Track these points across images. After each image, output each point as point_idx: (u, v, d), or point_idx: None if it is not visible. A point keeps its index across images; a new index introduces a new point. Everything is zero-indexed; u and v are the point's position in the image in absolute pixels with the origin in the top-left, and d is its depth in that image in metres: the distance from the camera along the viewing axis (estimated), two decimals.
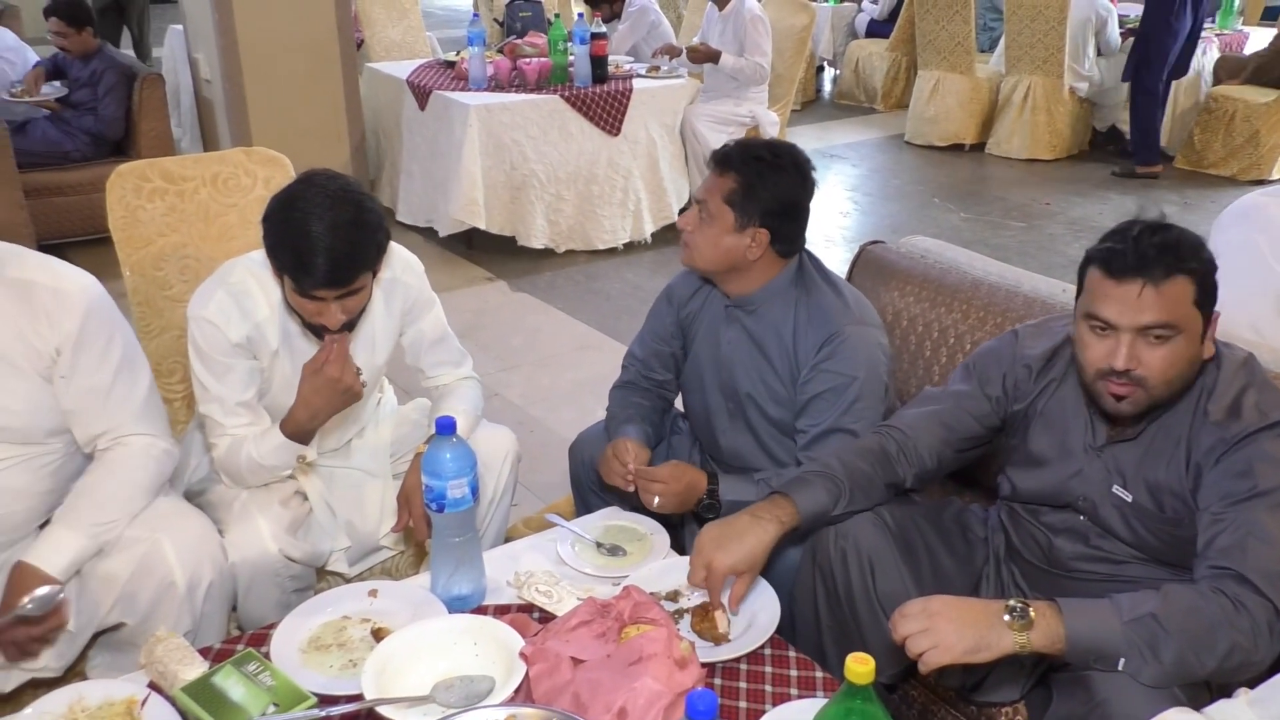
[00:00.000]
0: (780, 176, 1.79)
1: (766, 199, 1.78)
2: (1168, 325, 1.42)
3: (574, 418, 3.37)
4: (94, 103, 4.79)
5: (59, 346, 1.61)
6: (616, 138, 4.80)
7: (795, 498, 1.57)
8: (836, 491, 1.60)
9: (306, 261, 1.59)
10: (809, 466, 1.66)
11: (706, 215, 1.81)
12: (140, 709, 1.36)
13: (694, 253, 1.85)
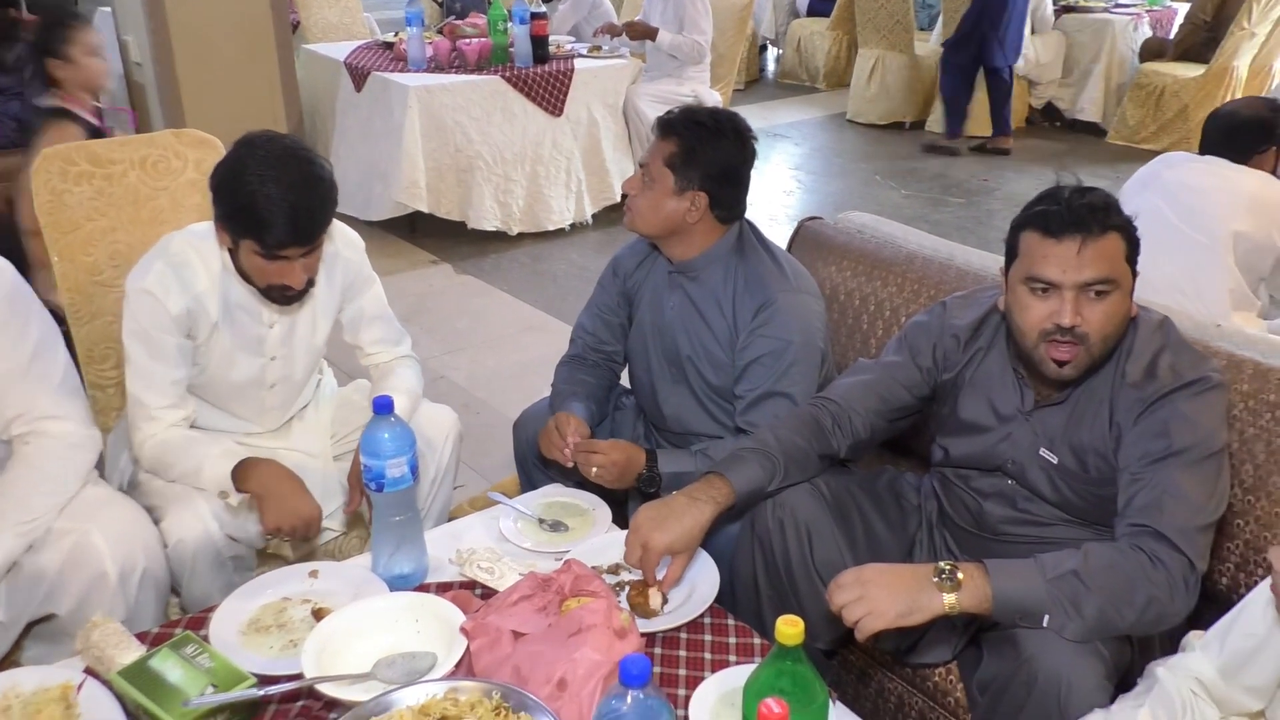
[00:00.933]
0: (720, 141, 1.82)
1: (706, 163, 1.81)
2: (1107, 280, 1.47)
3: (520, 399, 3.33)
4: (18, 88, 4.64)
5: None
6: (559, 118, 4.78)
7: (730, 477, 1.60)
8: (771, 468, 1.63)
9: (272, 222, 1.59)
10: (744, 442, 1.69)
11: (649, 178, 1.84)
12: (76, 694, 1.35)
13: (635, 216, 1.87)
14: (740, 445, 1.68)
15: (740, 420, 1.85)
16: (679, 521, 1.54)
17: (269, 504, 1.62)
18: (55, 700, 1.33)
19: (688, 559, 1.58)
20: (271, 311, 1.83)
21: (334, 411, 2.08)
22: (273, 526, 1.59)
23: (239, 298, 1.80)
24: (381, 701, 1.25)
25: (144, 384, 1.75)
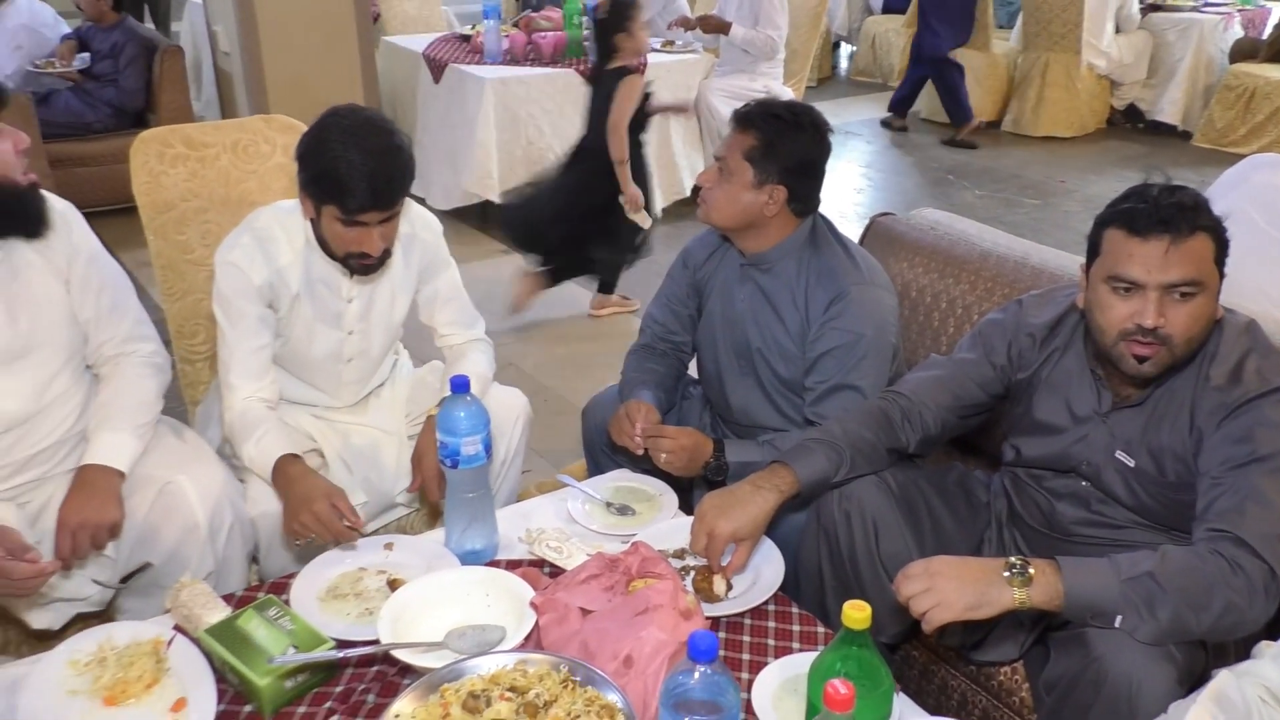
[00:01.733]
0: (799, 135, 1.84)
1: (784, 156, 1.82)
2: (1193, 282, 1.44)
3: (586, 387, 3.39)
4: (115, 74, 4.84)
5: (70, 259, 1.72)
6: None
7: (795, 466, 1.61)
8: (837, 459, 1.63)
9: (353, 187, 1.65)
10: (811, 433, 1.70)
11: (725, 171, 1.85)
12: (166, 649, 1.42)
13: (711, 208, 1.88)
14: (807, 436, 1.69)
15: (809, 412, 1.85)
16: (744, 509, 1.56)
17: (286, 506, 1.67)
18: (147, 654, 1.40)
19: (752, 546, 1.59)
20: (351, 286, 1.89)
21: (409, 391, 2.13)
22: (287, 530, 1.64)
23: (320, 272, 1.86)
24: (453, 669, 1.29)
25: (228, 351, 1.83)
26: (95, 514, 1.61)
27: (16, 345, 1.65)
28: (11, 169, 1.58)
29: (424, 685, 1.27)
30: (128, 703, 1.34)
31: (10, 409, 1.65)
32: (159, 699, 1.35)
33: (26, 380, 1.67)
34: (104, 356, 1.80)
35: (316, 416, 2.00)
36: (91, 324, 1.77)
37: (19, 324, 1.65)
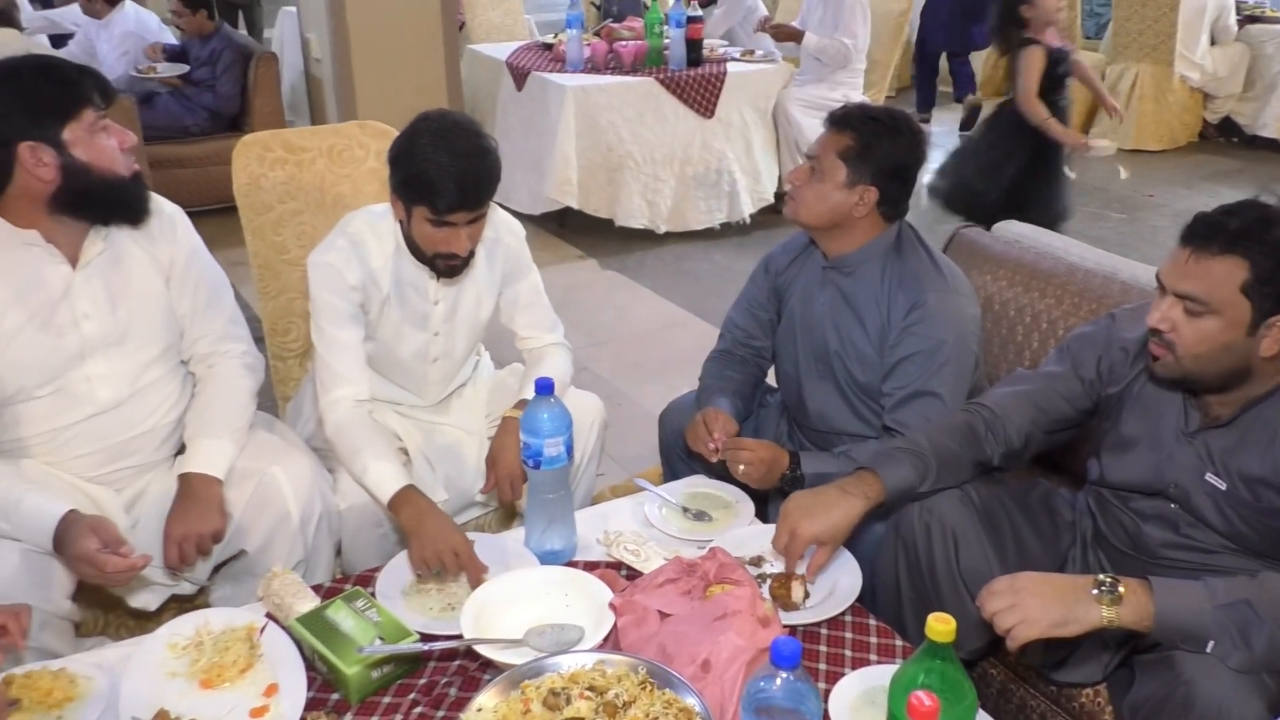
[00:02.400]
0: (896, 138, 1.85)
1: (879, 158, 1.83)
2: (1198, 300, 1.43)
3: (661, 393, 3.41)
4: (212, 80, 5.02)
5: (172, 257, 1.80)
6: (710, 120, 4.83)
7: (882, 474, 1.60)
8: (923, 469, 1.62)
9: (442, 187, 1.71)
10: (897, 442, 1.69)
11: (818, 170, 1.86)
12: (259, 635, 1.47)
13: (800, 206, 1.89)
14: (893, 444, 1.68)
15: (888, 418, 1.85)
16: (829, 512, 1.56)
17: (413, 542, 1.65)
18: (241, 640, 1.45)
19: (832, 551, 1.59)
20: (437, 289, 1.94)
21: (489, 392, 2.18)
22: (418, 562, 1.63)
23: (409, 275, 1.91)
24: (534, 666, 1.32)
25: (326, 347, 1.88)
26: (199, 524, 1.68)
27: (115, 333, 1.73)
28: (116, 163, 1.66)
29: (505, 681, 1.29)
30: (223, 686, 1.40)
31: (105, 394, 1.73)
32: (252, 684, 1.40)
33: (122, 367, 1.75)
34: (198, 354, 1.86)
35: (402, 414, 2.05)
36: (188, 319, 1.84)
37: (118, 312, 1.73)
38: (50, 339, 1.67)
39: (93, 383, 1.72)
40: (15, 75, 1.59)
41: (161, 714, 1.32)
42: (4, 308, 1.63)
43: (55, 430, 1.71)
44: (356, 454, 1.79)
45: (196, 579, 1.80)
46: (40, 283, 1.66)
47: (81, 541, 1.52)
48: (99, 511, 1.67)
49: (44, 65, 1.64)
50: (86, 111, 1.61)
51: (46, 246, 1.66)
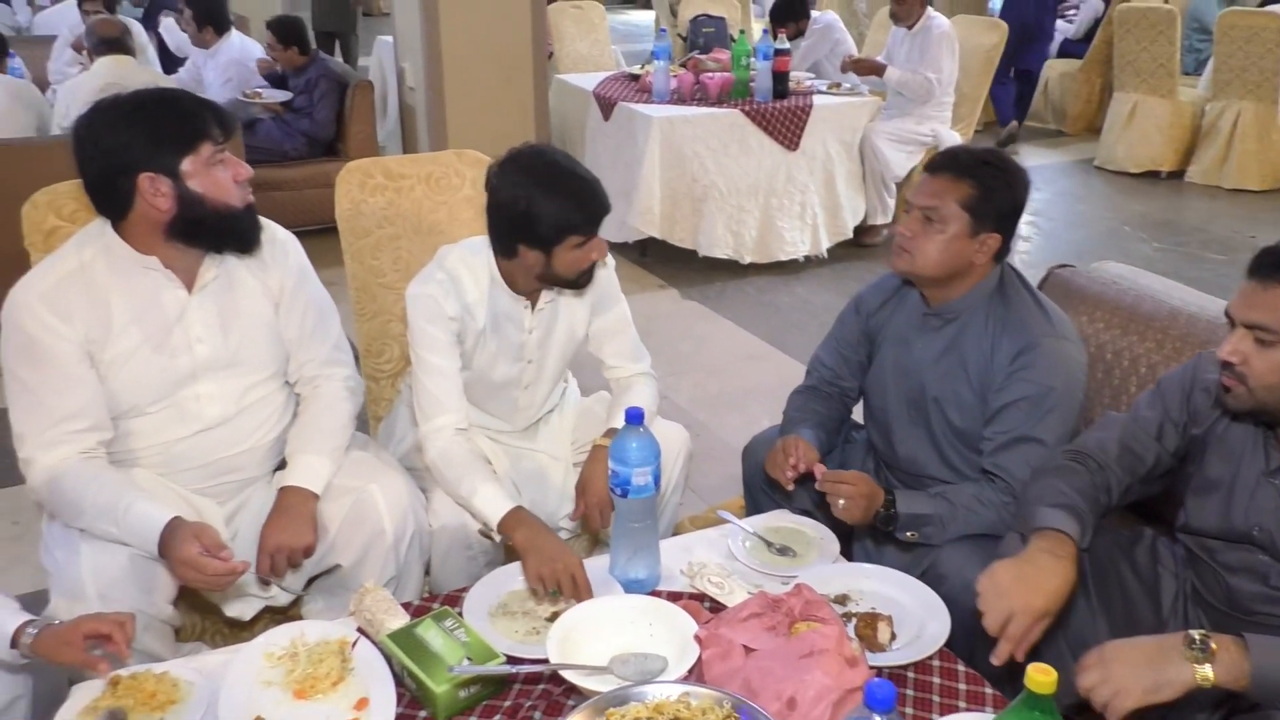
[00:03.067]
0: (1014, 181, 1.82)
1: (1000, 203, 1.80)
2: (1268, 329, 1.41)
3: (740, 424, 3.42)
4: (310, 107, 5.20)
5: (282, 283, 1.86)
6: (795, 152, 4.83)
7: (1070, 533, 1.51)
8: (1083, 524, 1.55)
9: (583, 206, 1.83)
10: (1043, 494, 1.59)
11: (937, 220, 1.80)
12: (351, 649, 1.51)
13: (916, 258, 1.83)
14: (1041, 495, 1.59)
15: (987, 461, 1.81)
16: (1049, 581, 1.46)
17: (531, 558, 1.67)
18: (334, 653, 1.49)
19: (1049, 623, 1.48)
20: (531, 318, 1.98)
21: (575, 419, 2.20)
22: (535, 579, 1.66)
23: (505, 307, 1.95)
24: (619, 695, 1.32)
25: (427, 374, 1.92)
26: (292, 538, 1.74)
27: (225, 356, 1.80)
28: (230, 195, 1.72)
29: (590, 708, 1.30)
30: (315, 697, 1.43)
31: (212, 412, 1.80)
32: (344, 696, 1.44)
33: (229, 387, 1.81)
34: (304, 377, 1.92)
35: (491, 439, 2.09)
36: (295, 344, 1.90)
37: (229, 337, 1.80)
38: (164, 359, 1.74)
39: (201, 401, 1.78)
40: (141, 107, 1.67)
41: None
42: (122, 328, 1.71)
43: (165, 444, 1.78)
44: (462, 479, 1.83)
45: (290, 590, 1.85)
46: (158, 306, 1.73)
47: (185, 545, 1.58)
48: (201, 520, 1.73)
49: (168, 99, 1.71)
50: (205, 145, 1.67)
51: (165, 272, 1.73)
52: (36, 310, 1.65)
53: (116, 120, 1.65)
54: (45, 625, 1.47)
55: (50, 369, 1.66)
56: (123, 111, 1.66)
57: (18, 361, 1.68)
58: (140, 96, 1.69)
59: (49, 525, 1.73)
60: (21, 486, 2.97)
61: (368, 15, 8.35)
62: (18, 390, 1.69)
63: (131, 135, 1.64)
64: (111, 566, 1.61)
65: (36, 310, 1.65)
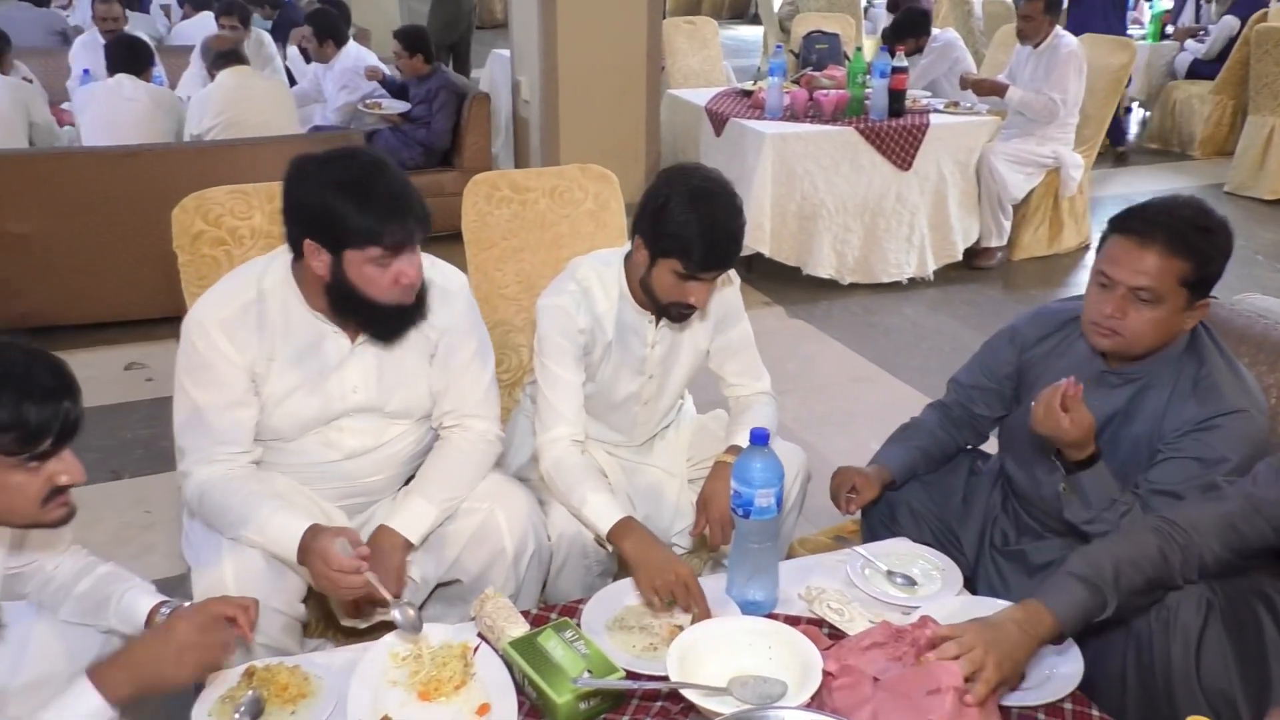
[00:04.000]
0: (1228, 242, 1.69)
1: (1218, 270, 1.68)
2: None
3: (848, 447, 3.36)
4: (429, 117, 5.34)
5: (441, 336, 1.84)
6: (907, 172, 4.75)
7: (1057, 612, 1.46)
8: (1101, 603, 1.48)
9: (699, 246, 1.76)
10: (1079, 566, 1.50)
11: (1151, 299, 1.66)
12: (473, 655, 1.53)
13: (1128, 340, 1.70)
14: (1077, 567, 1.51)
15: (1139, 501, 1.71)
16: (1016, 654, 1.42)
17: (642, 570, 1.67)
18: (456, 657, 1.52)
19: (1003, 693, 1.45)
20: (656, 333, 1.98)
21: (691, 436, 2.20)
22: (648, 589, 1.65)
23: (630, 320, 1.96)
24: (742, 718, 1.31)
25: (550, 385, 1.94)
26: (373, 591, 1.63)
27: (376, 403, 1.82)
28: (380, 293, 1.66)
29: None
30: (439, 699, 1.46)
31: (352, 444, 1.84)
32: (466, 701, 1.46)
33: (374, 425, 1.84)
34: (444, 425, 1.91)
35: (608, 453, 2.10)
36: (441, 394, 1.87)
37: (383, 386, 1.81)
38: (319, 402, 1.77)
39: (344, 434, 1.82)
40: (344, 183, 1.59)
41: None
42: (284, 367, 1.74)
43: (304, 465, 1.83)
44: (573, 488, 1.84)
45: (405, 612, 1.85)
46: (320, 352, 1.75)
47: (324, 540, 1.60)
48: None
49: (373, 186, 1.60)
50: (373, 249, 1.61)
51: (330, 324, 1.75)
52: (213, 336, 1.69)
53: (321, 178, 1.61)
54: (177, 606, 1.54)
55: (218, 393, 1.71)
56: (331, 173, 1.61)
57: (190, 378, 1.72)
58: (356, 170, 1.61)
59: (190, 522, 1.80)
60: (151, 477, 3.17)
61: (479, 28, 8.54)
62: (186, 406, 1.74)
63: (317, 199, 1.61)
64: (249, 563, 1.66)
65: (213, 336, 1.69)
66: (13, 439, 1.24)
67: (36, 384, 1.26)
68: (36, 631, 1.55)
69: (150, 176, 3.90)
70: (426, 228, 1.66)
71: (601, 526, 1.78)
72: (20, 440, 1.25)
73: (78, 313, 4.01)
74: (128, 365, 3.87)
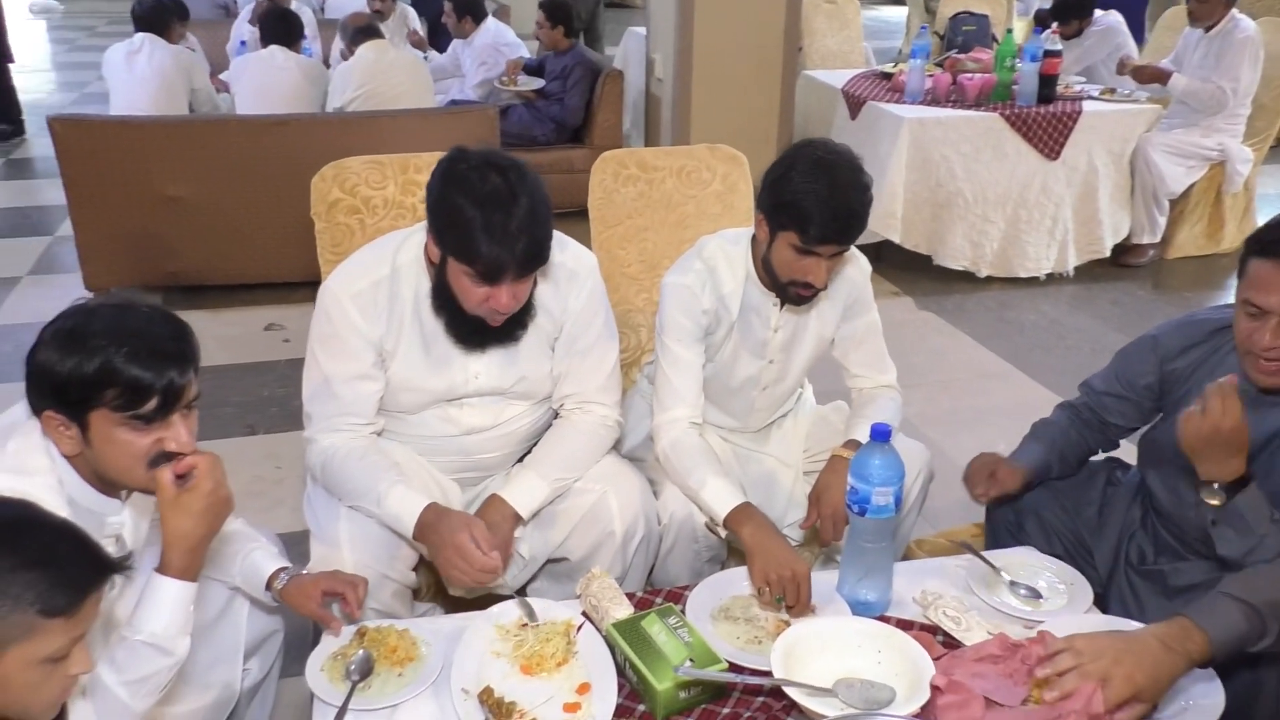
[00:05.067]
0: None
1: None
2: None
3: (974, 446, 3.18)
4: (562, 94, 5.38)
5: (562, 320, 1.83)
6: (1054, 162, 4.52)
7: (1210, 631, 1.37)
8: (1260, 628, 1.38)
9: (816, 217, 1.70)
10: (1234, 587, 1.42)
11: None
12: (576, 633, 1.53)
13: None
14: (1228, 589, 1.42)
15: None
16: (1154, 667, 1.34)
17: (759, 558, 1.63)
18: (560, 634, 1.52)
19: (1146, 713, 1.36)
20: (779, 316, 1.93)
21: (809, 427, 2.15)
22: (761, 579, 1.62)
23: (755, 301, 1.92)
24: None
25: (670, 364, 1.91)
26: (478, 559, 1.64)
27: (498, 387, 1.83)
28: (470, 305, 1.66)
29: None
30: (541, 674, 1.46)
31: (470, 422, 1.85)
32: (567, 678, 1.46)
33: (492, 407, 1.85)
34: (565, 407, 1.90)
35: (722, 438, 2.07)
36: (562, 378, 1.87)
37: (507, 373, 1.82)
38: (440, 383, 1.79)
39: (463, 411, 1.84)
40: (471, 197, 1.57)
41: (487, 690, 1.40)
42: (411, 347, 1.76)
43: (423, 438, 1.86)
44: (691, 470, 1.81)
45: (512, 585, 1.87)
46: (445, 335, 1.75)
47: (459, 533, 1.62)
48: (447, 503, 1.77)
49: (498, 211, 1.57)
50: (469, 266, 1.59)
51: None
52: (346, 307, 1.72)
53: (462, 177, 1.59)
54: (295, 574, 1.59)
55: (347, 364, 1.75)
56: (472, 178, 1.58)
57: (321, 347, 1.77)
58: (493, 188, 1.57)
59: (313, 486, 1.85)
60: (284, 434, 3.30)
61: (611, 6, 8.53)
62: (315, 373, 1.78)
63: (445, 195, 1.59)
64: (365, 532, 1.70)
65: (346, 307, 1.72)
66: (116, 395, 1.27)
67: (149, 347, 1.29)
68: None
69: (296, 145, 4.05)
70: (531, 267, 1.62)
71: (720, 511, 1.75)
72: (123, 398, 1.27)
73: (224, 273, 4.21)
74: (267, 326, 4.05)
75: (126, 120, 4.20)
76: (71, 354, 1.26)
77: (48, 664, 1.07)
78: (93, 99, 7.75)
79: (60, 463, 1.34)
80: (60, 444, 1.31)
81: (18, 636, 1.03)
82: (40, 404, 1.30)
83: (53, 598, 1.04)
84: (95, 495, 1.38)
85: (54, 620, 1.05)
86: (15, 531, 1.05)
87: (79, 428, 1.30)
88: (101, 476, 1.36)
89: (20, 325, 3.97)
